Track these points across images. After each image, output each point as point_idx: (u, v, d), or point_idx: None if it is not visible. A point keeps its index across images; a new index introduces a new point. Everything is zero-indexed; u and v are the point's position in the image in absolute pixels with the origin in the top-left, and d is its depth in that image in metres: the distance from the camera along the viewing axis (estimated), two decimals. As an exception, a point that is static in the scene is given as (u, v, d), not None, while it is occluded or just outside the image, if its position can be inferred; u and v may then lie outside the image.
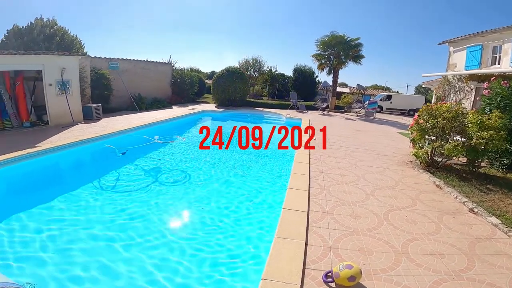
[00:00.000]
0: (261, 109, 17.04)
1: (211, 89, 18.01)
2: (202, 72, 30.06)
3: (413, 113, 5.68)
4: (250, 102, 18.28)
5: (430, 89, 17.84)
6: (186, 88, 17.95)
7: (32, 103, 8.72)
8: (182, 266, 2.76)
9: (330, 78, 18.96)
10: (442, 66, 13.77)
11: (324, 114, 16.40)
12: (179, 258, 2.90)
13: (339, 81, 19.91)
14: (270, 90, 25.53)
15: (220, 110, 15.51)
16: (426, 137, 6.17)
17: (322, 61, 18.25)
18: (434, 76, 14.30)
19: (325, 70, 18.65)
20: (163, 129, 9.68)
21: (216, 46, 70.53)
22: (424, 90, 32.57)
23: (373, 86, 45.00)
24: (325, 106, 17.99)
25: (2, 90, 7.81)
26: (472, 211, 3.85)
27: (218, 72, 17.45)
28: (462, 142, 5.44)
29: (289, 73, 25.59)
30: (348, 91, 28.05)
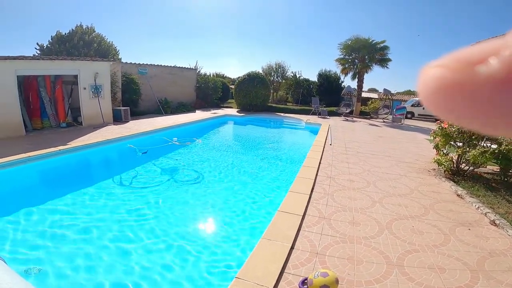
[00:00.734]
0: (282, 114, 16.97)
1: (233, 94, 18.31)
2: (227, 77, 30.64)
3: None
4: (272, 107, 18.26)
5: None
6: (209, 93, 18.50)
7: (69, 105, 9.68)
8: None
9: (355, 83, 18.31)
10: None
11: (347, 120, 15.82)
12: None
13: (367, 86, 19.18)
14: (295, 96, 25.30)
15: (240, 114, 15.73)
16: (451, 143, 5.68)
17: (346, 65, 17.67)
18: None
19: (349, 74, 18.05)
20: (183, 131, 10.08)
21: (241, 51, 71.76)
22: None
23: (406, 92, 42.44)
24: (348, 111, 17.34)
25: (43, 92, 8.72)
26: (493, 223, 3.44)
27: (240, 77, 17.65)
28: (491, 148, 4.91)
29: (314, 78, 25.19)
30: (376, 97, 26.79)
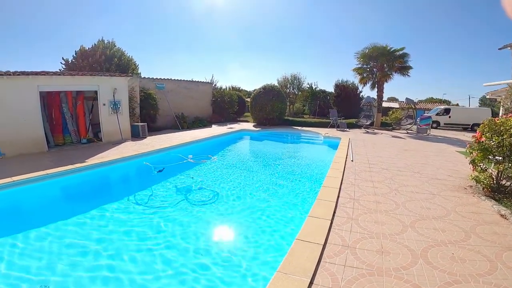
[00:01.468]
0: (299, 128, 16.57)
1: (249, 108, 18.22)
2: (244, 90, 30.66)
3: (477, 128, 4.85)
4: (288, 121, 17.94)
5: (497, 100, 15.22)
6: (225, 107, 18.56)
7: (90, 121, 9.95)
8: None
9: (374, 93, 17.66)
10: (507, 72, 11.69)
11: (367, 132, 15.15)
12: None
13: (387, 95, 18.43)
14: (312, 108, 24.89)
15: (257, 129, 15.49)
16: (490, 157, 5.09)
17: (364, 74, 17.17)
18: (498, 85, 12.14)
19: (368, 84, 17.47)
20: (199, 148, 9.99)
21: (257, 63, 72.27)
22: (490, 101, 28.21)
23: (428, 100, 40.66)
24: (369, 123, 16.66)
25: (65, 108, 8.94)
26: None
27: (255, 90, 17.52)
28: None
29: (330, 89, 24.74)
30: (397, 106, 25.75)
